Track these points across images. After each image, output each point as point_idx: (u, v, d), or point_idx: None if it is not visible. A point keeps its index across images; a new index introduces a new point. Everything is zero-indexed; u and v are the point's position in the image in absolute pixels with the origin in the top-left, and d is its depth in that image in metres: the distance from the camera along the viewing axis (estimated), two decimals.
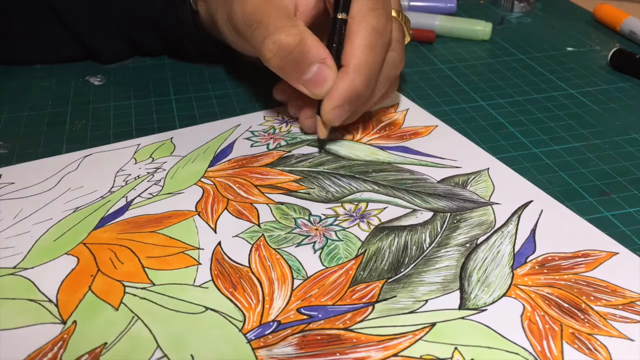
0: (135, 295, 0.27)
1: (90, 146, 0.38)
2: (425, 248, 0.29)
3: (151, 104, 0.43)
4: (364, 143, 0.38)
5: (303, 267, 0.28)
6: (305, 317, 0.26)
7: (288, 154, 0.37)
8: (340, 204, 0.32)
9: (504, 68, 0.48)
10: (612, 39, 0.54)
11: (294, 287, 0.27)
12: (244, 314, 0.26)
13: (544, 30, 0.56)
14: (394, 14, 0.37)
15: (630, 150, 0.37)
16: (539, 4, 0.62)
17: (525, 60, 0.50)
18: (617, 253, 0.29)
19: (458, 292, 0.27)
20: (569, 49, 0.52)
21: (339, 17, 0.34)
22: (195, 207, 0.32)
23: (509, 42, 0.53)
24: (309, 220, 0.31)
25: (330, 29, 0.35)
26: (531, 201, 0.32)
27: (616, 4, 0.57)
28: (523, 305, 0.26)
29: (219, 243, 0.30)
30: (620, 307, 0.26)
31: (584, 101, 0.43)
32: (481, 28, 0.53)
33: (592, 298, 0.26)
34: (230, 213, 0.32)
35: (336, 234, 0.30)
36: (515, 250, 0.29)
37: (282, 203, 0.32)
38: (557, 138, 0.39)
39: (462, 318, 0.25)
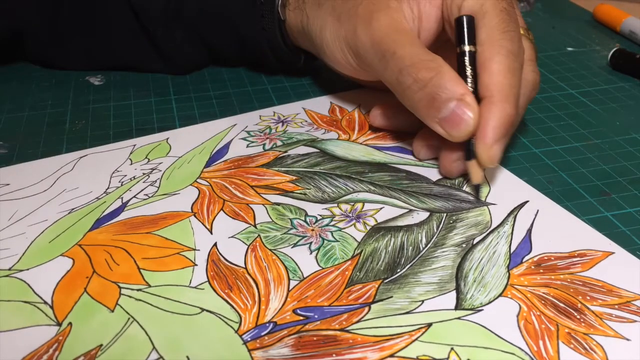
0: (130, 296, 0.27)
1: (90, 146, 0.38)
2: (421, 248, 0.30)
3: (151, 104, 0.44)
4: (360, 143, 0.38)
5: (299, 268, 0.28)
6: (301, 318, 0.26)
7: (284, 154, 0.37)
8: (336, 205, 0.33)
9: None
10: (612, 39, 0.54)
11: (290, 288, 0.27)
12: (240, 315, 0.26)
13: (544, 30, 0.57)
14: (521, 31, 0.35)
15: (630, 150, 0.38)
16: (539, 4, 0.62)
17: None
18: (613, 253, 0.29)
19: (454, 292, 0.27)
20: (569, 49, 0.52)
21: (468, 49, 0.32)
22: (191, 208, 0.32)
23: None
24: (305, 221, 0.32)
25: (459, 64, 0.33)
26: (527, 201, 0.33)
27: (616, 4, 0.58)
28: (519, 305, 0.26)
29: (215, 244, 0.30)
30: (616, 306, 0.26)
31: (584, 101, 0.44)
32: None
33: (588, 298, 0.27)
34: (226, 214, 0.32)
35: (332, 235, 0.31)
36: (511, 250, 0.29)
37: (278, 204, 0.33)
38: (557, 138, 0.39)
39: (459, 318, 0.26)
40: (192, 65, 0.48)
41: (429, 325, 0.25)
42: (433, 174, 0.35)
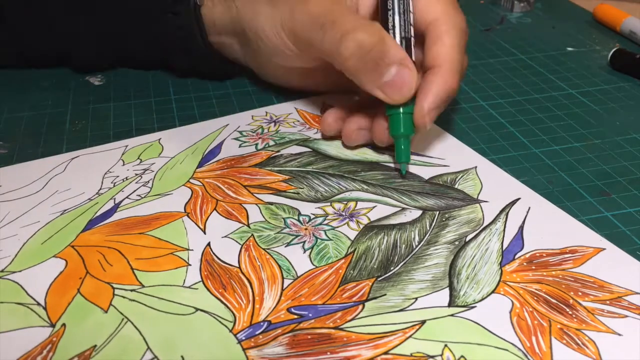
0: (124, 297, 0.28)
1: (90, 146, 0.39)
2: (414, 246, 0.31)
3: (151, 104, 0.45)
4: None
5: (293, 267, 0.30)
6: (295, 316, 0.27)
7: (277, 154, 0.38)
8: (329, 204, 0.34)
9: (504, 68, 0.50)
10: (612, 39, 0.55)
11: (284, 287, 0.28)
12: (234, 314, 0.27)
13: (544, 30, 0.58)
14: None
15: (630, 150, 0.39)
16: (539, 4, 0.63)
17: (525, 60, 0.51)
18: (604, 249, 0.30)
19: (447, 289, 0.28)
20: (569, 49, 0.54)
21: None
22: (184, 208, 0.33)
23: (509, 42, 0.55)
24: (298, 220, 0.33)
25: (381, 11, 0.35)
26: (519, 199, 0.34)
27: (616, 4, 0.59)
28: (512, 301, 0.27)
29: (209, 244, 0.31)
30: (608, 302, 0.27)
31: (584, 101, 0.45)
32: None
33: (579, 294, 0.28)
34: (219, 214, 0.33)
35: (325, 234, 0.32)
36: (504, 247, 0.30)
37: (271, 203, 0.34)
38: (557, 138, 0.40)
39: (452, 315, 0.27)
40: (91, 65, 0.48)
41: (423, 322, 0.26)
42: (425, 173, 0.36)
